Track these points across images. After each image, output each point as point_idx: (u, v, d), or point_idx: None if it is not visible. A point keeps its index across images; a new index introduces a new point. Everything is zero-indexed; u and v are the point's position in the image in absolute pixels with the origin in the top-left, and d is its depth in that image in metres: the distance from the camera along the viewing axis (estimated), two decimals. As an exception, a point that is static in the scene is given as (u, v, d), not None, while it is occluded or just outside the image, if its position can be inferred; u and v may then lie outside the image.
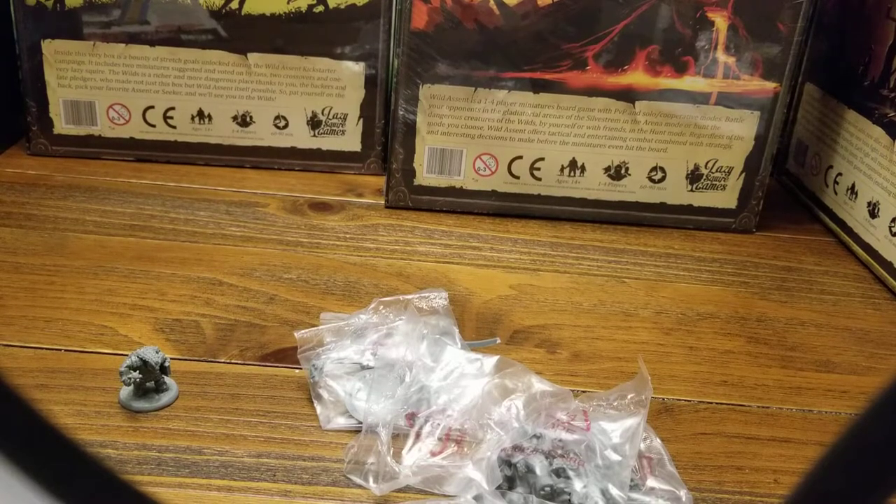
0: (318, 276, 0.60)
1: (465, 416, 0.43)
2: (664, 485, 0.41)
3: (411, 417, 0.44)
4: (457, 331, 0.50)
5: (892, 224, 0.65)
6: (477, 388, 0.45)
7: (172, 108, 0.74)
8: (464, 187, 0.71)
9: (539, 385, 0.44)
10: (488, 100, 0.68)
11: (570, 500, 0.39)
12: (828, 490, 0.14)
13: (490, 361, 0.47)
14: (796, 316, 0.61)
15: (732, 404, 0.50)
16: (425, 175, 0.71)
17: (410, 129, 0.69)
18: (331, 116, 0.75)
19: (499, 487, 0.40)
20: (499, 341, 0.53)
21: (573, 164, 0.71)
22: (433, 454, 0.42)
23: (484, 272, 0.63)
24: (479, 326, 0.56)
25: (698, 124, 0.69)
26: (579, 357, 0.53)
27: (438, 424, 0.43)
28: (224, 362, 0.50)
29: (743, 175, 0.71)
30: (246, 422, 0.45)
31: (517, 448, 0.41)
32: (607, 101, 0.68)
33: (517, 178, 0.71)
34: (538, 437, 0.41)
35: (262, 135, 0.76)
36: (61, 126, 0.75)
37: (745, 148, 0.70)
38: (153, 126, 0.75)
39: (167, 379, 0.46)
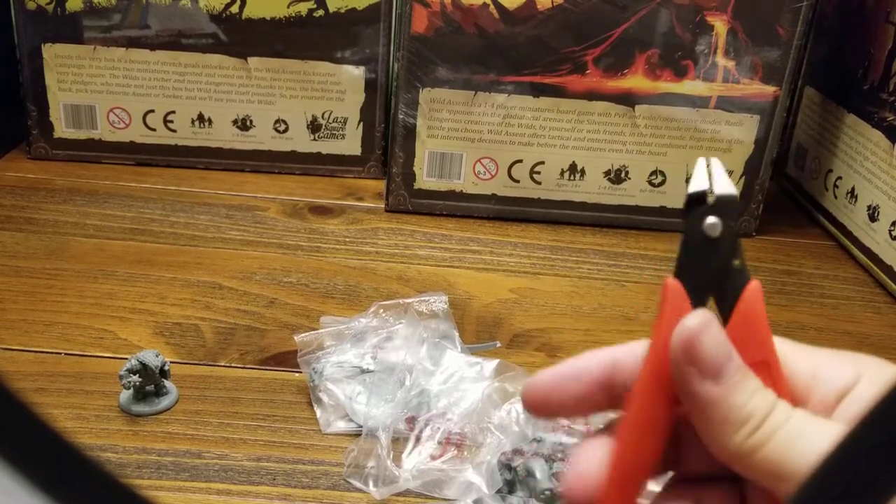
0: (318, 279, 0.60)
1: (465, 419, 0.43)
2: (664, 489, 0.41)
3: (411, 421, 0.44)
4: (457, 334, 0.50)
5: (892, 228, 0.65)
6: (477, 391, 0.45)
7: (173, 112, 0.74)
8: (464, 191, 0.71)
9: (539, 389, 0.44)
10: (488, 104, 0.68)
11: (570, 503, 0.39)
12: (828, 493, 0.14)
13: (490, 365, 0.47)
14: (796, 319, 0.61)
15: (732, 408, 0.50)
16: (425, 179, 0.71)
17: (410, 132, 0.69)
18: (331, 120, 0.75)
19: (499, 491, 0.40)
20: (499, 345, 0.53)
21: (573, 168, 0.71)
22: (433, 458, 0.42)
23: (484, 276, 0.63)
24: (479, 330, 0.56)
25: (698, 128, 0.69)
26: (579, 361, 0.53)
27: (438, 428, 0.43)
28: (224, 366, 0.50)
29: (743, 179, 0.71)
30: (246, 425, 0.45)
31: (517, 452, 0.41)
32: (607, 104, 0.68)
33: (517, 181, 0.71)
34: (538, 440, 0.41)
35: (263, 139, 0.76)
36: (62, 130, 0.75)
37: (744, 152, 0.70)
38: (153, 130, 0.75)
39: (167, 383, 0.46)
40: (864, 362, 0.23)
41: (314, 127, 0.76)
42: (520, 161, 0.70)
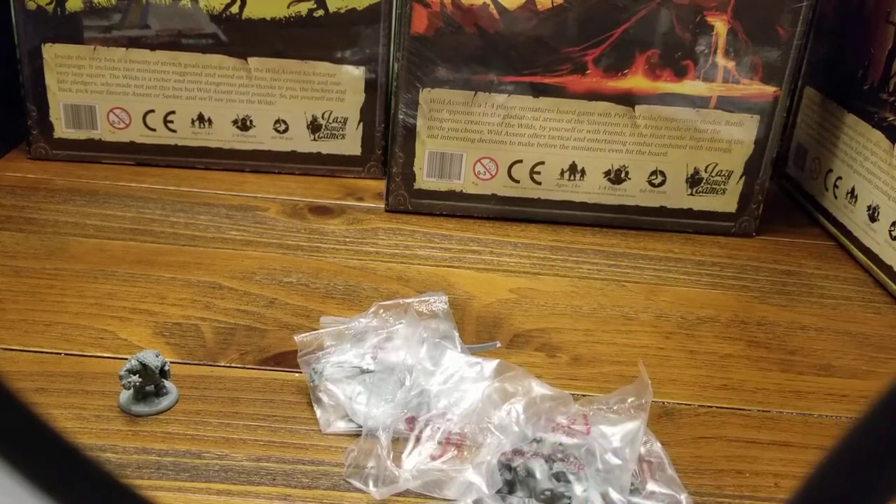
0: (318, 279, 0.60)
1: (465, 419, 0.43)
2: (664, 489, 0.41)
3: (411, 421, 0.44)
4: (457, 334, 0.50)
5: (892, 228, 0.65)
6: (477, 391, 0.45)
7: (173, 112, 0.74)
8: (464, 191, 0.71)
9: (539, 389, 0.44)
10: (488, 104, 0.68)
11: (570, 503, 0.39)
12: (828, 494, 0.14)
13: (490, 365, 0.47)
14: (796, 320, 0.61)
15: (733, 408, 0.50)
16: (425, 179, 0.71)
17: (410, 132, 0.69)
18: (331, 120, 0.75)
19: (499, 491, 0.40)
20: (499, 345, 0.53)
21: (573, 168, 0.71)
22: (433, 458, 0.42)
23: (484, 276, 0.63)
24: (479, 330, 0.56)
25: (698, 128, 0.69)
26: (579, 361, 0.53)
27: (438, 428, 0.43)
28: (224, 366, 0.50)
29: (743, 179, 0.71)
30: (245, 426, 0.45)
31: (517, 452, 0.41)
32: (607, 104, 0.68)
33: (517, 181, 0.71)
34: (538, 440, 0.41)
35: (263, 139, 0.76)
36: (62, 130, 0.75)
37: (744, 152, 0.70)
38: (153, 130, 0.75)
39: (167, 383, 0.46)
40: None
41: (314, 127, 0.76)
42: (520, 161, 0.70)
